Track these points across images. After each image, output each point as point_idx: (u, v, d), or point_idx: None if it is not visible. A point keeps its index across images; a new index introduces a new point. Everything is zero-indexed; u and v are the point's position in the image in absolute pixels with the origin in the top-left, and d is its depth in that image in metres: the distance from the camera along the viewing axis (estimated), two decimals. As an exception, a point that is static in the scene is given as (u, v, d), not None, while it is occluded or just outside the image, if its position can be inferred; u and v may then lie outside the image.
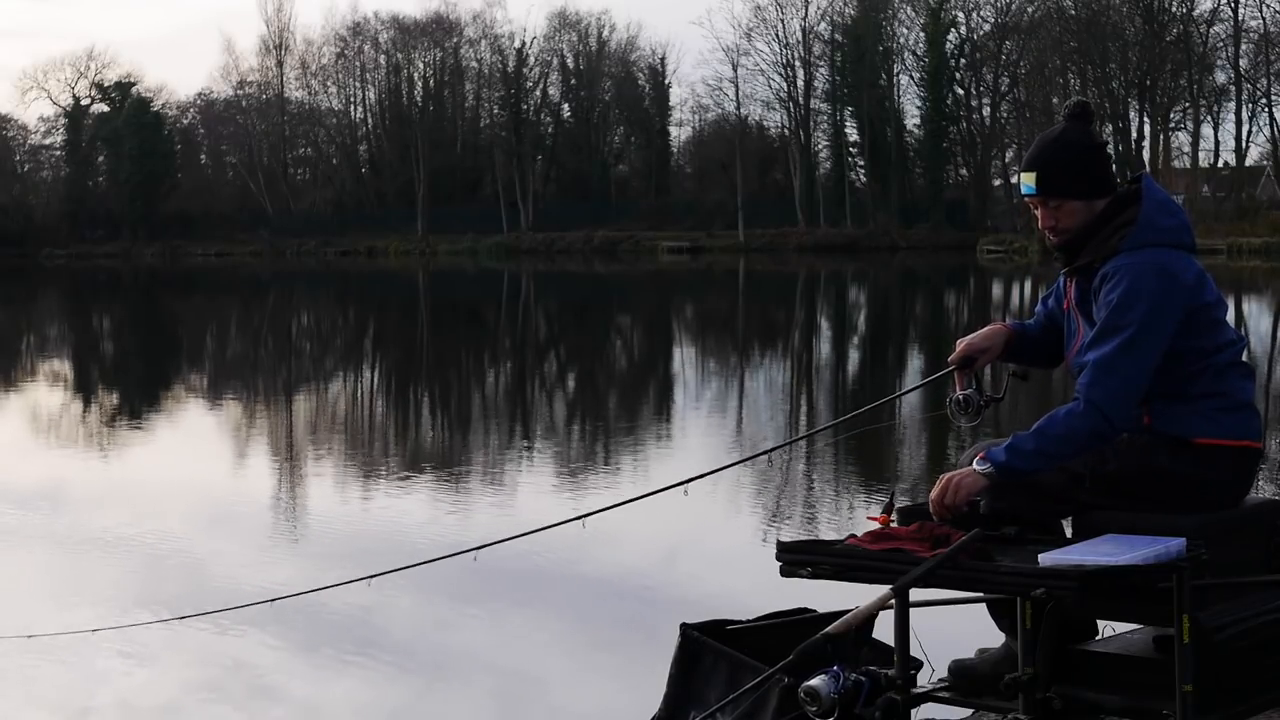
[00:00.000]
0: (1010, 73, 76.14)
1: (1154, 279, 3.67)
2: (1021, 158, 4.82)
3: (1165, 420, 3.73)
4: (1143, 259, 3.70)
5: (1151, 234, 3.74)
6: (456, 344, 27.29)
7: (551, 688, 6.06)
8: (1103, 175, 3.84)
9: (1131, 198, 3.81)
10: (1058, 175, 3.82)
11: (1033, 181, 3.84)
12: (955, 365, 4.04)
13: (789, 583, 3.77)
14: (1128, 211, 3.79)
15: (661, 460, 11.83)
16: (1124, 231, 3.76)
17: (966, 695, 3.92)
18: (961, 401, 3.97)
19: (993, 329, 4.10)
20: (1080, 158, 3.83)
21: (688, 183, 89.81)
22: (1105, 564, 3.33)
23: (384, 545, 8.38)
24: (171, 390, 19.75)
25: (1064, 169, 3.82)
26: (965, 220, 75.16)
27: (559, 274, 59.77)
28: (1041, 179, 3.83)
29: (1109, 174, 3.86)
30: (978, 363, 4.04)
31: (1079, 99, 4.01)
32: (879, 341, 26.50)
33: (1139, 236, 3.74)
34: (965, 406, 3.97)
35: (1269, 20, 66.83)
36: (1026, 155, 3.91)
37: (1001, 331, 4.09)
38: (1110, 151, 3.94)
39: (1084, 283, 3.84)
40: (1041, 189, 3.83)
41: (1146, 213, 3.77)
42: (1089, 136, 3.86)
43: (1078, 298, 3.88)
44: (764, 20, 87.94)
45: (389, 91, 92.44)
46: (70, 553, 8.66)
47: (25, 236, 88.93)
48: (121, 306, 44.46)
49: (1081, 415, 3.66)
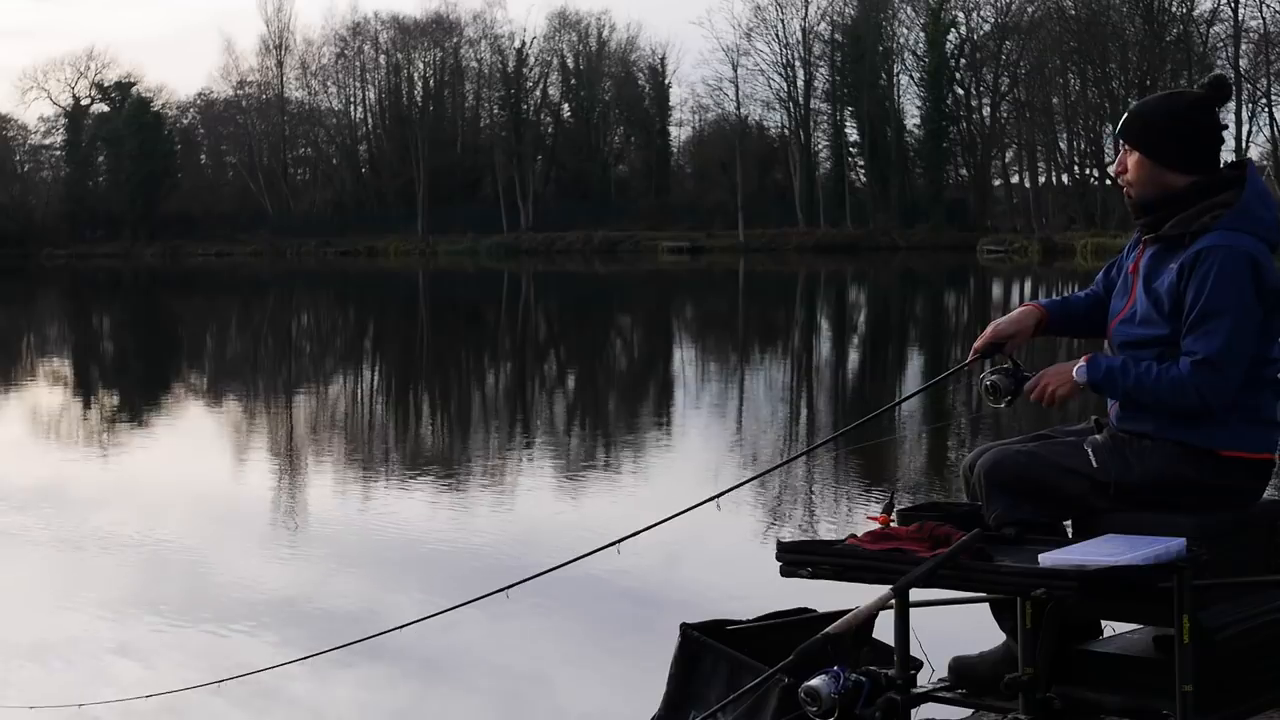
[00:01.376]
0: (1010, 73, 76.09)
1: (1250, 269, 3.63)
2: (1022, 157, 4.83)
3: (1192, 427, 3.69)
4: (1240, 245, 3.64)
5: (1248, 222, 3.69)
6: (457, 345, 27.28)
7: (551, 688, 6.06)
8: (1176, 149, 3.74)
9: (1232, 181, 3.75)
10: (1138, 123, 3.80)
11: (1121, 121, 3.85)
12: (980, 354, 3.98)
13: (789, 583, 3.76)
14: (1226, 194, 3.73)
15: (675, 468, 11.82)
16: (1219, 212, 3.70)
17: (967, 695, 3.91)
18: (990, 386, 3.90)
19: (1022, 311, 4.04)
20: (1174, 122, 3.76)
21: (688, 183, 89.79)
22: (1105, 564, 3.32)
23: (402, 561, 8.40)
24: (172, 391, 19.74)
25: (1148, 119, 3.79)
26: (965, 220, 75.12)
27: (559, 274, 59.75)
28: (1127, 120, 3.83)
29: (1198, 152, 3.75)
30: (1006, 348, 3.97)
31: (1218, 74, 3.90)
32: (882, 343, 26.48)
33: (1235, 221, 3.68)
34: (995, 391, 3.90)
35: (1269, 20, 66.80)
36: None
37: (1032, 312, 4.02)
38: (1222, 135, 3.82)
39: (1164, 253, 3.77)
40: (1122, 129, 3.84)
41: (1247, 199, 3.71)
42: (1203, 111, 3.77)
43: (1148, 265, 3.81)
44: (764, 20, 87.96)
45: (389, 91, 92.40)
46: (70, 558, 8.66)
47: (25, 236, 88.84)
48: (122, 307, 44.44)
49: (1183, 392, 3.61)
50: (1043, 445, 3.82)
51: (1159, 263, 3.78)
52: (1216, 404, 3.63)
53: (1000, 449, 3.83)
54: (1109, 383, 3.72)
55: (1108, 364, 3.74)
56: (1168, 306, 3.71)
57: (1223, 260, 3.63)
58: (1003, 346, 3.98)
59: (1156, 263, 3.79)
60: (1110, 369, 3.72)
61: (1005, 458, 3.79)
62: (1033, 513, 3.74)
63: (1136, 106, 3.87)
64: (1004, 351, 3.97)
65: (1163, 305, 3.72)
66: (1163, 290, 3.72)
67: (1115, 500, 3.70)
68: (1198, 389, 3.62)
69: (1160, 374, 3.66)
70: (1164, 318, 3.72)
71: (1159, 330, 3.73)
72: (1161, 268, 3.77)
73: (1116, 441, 3.77)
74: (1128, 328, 3.81)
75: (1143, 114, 3.83)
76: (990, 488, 3.79)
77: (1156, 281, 3.76)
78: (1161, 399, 3.66)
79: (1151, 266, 3.80)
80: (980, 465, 3.83)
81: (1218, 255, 3.63)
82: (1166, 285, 3.72)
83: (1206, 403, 3.63)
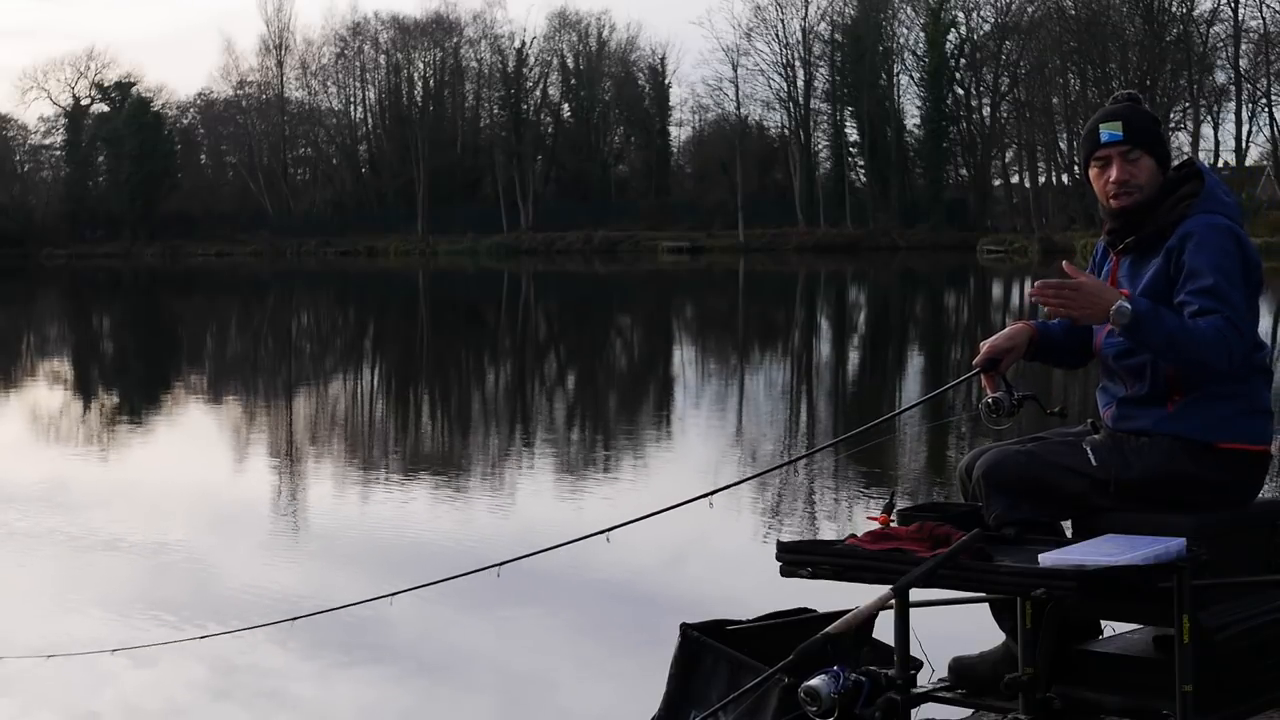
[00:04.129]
0: (1010, 73, 76.12)
1: (1236, 243, 3.70)
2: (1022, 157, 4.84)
3: (1188, 422, 3.70)
4: (1222, 222, 3.72)
5: (1218, 205, 3.77)
6: (457, 345, 27.27)
7: (551, 688, 6.05)
8: (1169, 150, 3.88)
9: (1190, 175, 3.83)
10: (1143, 126, 3.84)
11: (1119, 129, 3.81)
12: (980, 369, 3.98)
13: (789, 583, 3.76)
14: (1189, 185, 3.80)
15: (673, 466, 11.82)
16: (1189, 200, 3.77)
17: (967, 695, 3.92)
18: (992, 404, 3.90)
19: (1015, 328, 4.04)
20: (1159, 124, 3.92)
21: (688, 183, 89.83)
22: (1105, 564, 3.32)
23: (398, 555, 8.39)
24: (172, 391, 19.73)
25: (1149, 122, 3.87)
26: (965, 220, 75.17)
27: (559, 274, 59.75)
28: (1128, 126, 3.82)
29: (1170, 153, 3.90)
30: (1003, 364, 3.97)
31: (1130, 91, 4.02)
32: (882, 343, 26.47)
33: (1207, 205, 3.75)
34: (997, 408, 3.90)
35: (1269, 20, 66.87)
36: (1104, 111, 3.90)
37: (1024, 330, 4.03)
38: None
39: (1142, 256, 3.80)
40: (1128, 136, 3.81)
41: (1210, 186, 3.80)
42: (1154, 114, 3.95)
43: (1128, 273, 3.83)
44: (764, 20, 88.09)
45: (389, 91, 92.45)
46: (77, 559, 8.66)
47: (25, 236, 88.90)
48: (122, 307, 44.43)
49: (1220, 346, 3.56)
50: (1041, 445, 3.82)
51: (1138, 267, 3.82)
52: (1238, 364, 3.62)
53: (999, 449, 3.83)
54: (1153, 318, 3.58)
55: (1148, 302, 3.66)
56: (1160, 293, 3.71)
57: (1213, 234, 3.69)
58: (999, 362, 3.97)
59: (1136, 268, 3.83)
60: (1154, 307, 3.63)
61: (1005, 458, 3.78)
62: (1032, 512, 3.74)
63: (1126, 114, 3.85)
64: (999, 368, 3.96)
65: (1154, 295, 3.70)
66: (1151, 283, 3.74)
67: (1115, 498, 3.70)
68: (1229, 347, 3.59)
69: (1200, 324, 3.60)
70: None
71: None
72: (1143, 269, 3.80)
73: (1115, 440, 3.77)
74: (1117, 338, 3.77)
75: (1142, 120, 3.86)
76: (990, 488, 3.78)
77: (1141, 282, 3.77)
78: (1202, 346, 3.56)
79: (1132, 273, 3.83)
80: (979, 466, 3.82)
81: (1207, 231, 3.69)
82: (1154, 275, 3.74)
83: (1234, 363, 3.61)
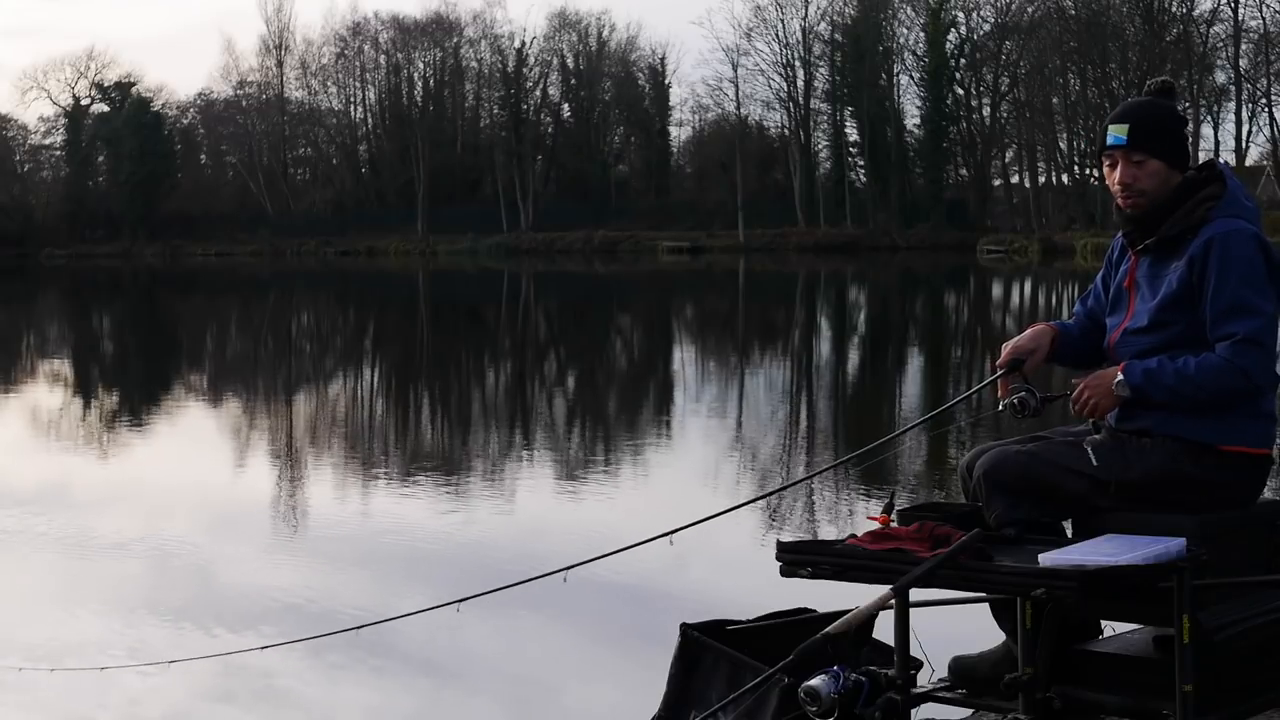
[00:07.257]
0: (1010, 73, 76.14)
1: (1260, 249, 3.69)
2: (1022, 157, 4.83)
3: (1191, 423, 3.69)
4: (1244, 229, 3.69)
5: (1239, 209, 3.75)
6: (456, 345, 27.27)
7: (552, 688, 6.06)
8: (1185, 150, 3.83)
9: (1211, 178, 3.80)
10: (1151, 130, 3.80)
11: (1124, 132, 3.79)
12: (1004, 370, 3.96)
13: (789, 583, 3.76)
14: (1210, 188, 3.78)
15: (683, 475, 11.82)
16: (1211, 204, 3.74)
17: (967, 695, 3.92)
18: (1017, 404, 3.88)
19: (1037, 330, 4.04)
20: (1171, 123, 3.85)
21: (688, 183, 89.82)
22: (1105, 564, 3.32)
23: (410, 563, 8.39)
24: (172, 392, 19.73)
25: (1157, 125, 3.81)
26: (965, 220, 75.16)
27: (559, 274, 59.73)
28: (1134, 129, 3.79)
29: (1188, 152, 3.85)
30: (1026, 365, 3.96)
31: (1164, 78, 3.98)
32: (882, 343, 26.46)
33: (1229, 209, 3.73)
34: (1022, 408, 3.88)
35: (1269, 20, 66.91)
36: (1115, 111, 3.88)
37: (1046, 331, 4.02)
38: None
39: (1162, 257, 3.79)
40: (1133, 140, 3.79)
41: (1233, 189, 3.78)
42: (1176, 111, 3.88)
43: (1148, 273, 3.82)
44: (764, 20, 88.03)
45: (389, 91, 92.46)
46: (76, 562, 8.66)
47: (25, 236, 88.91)
48: (122, 307, 44.43)
49: (1227, 374, 3.61)
50: (1042, 445, 3.81)
51: (1159, 267, 3.80)
52: (1265, 380, 3.65)
53: (1000, 449, 3.83)
54: (1150, 383, 3.67)
55: (1143, 367, 3.71)
56: (1182, 300, 3.71)
57: (1237, 243, 3.67)
58: (1023, 364, 3.96)
59: (1156, 268, 3.81)
60: (1147, 370, 3.69)
61: (1005, 457, 3.78)
62: (1032, 512, 3.74)
63: (1135, 115, 3.82)
64: (1023, 369, 3.96)
65: (1177, 301, 3.71)
66: (1173, 288, 3.73)
67: (1116, 499, 3.70)
68: (1244, 369, 3.61)
69: (1199, 363, 3.64)
70: (1179, 314, 3.72)
71: (1171, 331, 3.73)
72: (1164, 271, 3.78)
73: (1116, 440, 3.77)
74: (1134, 338, 3.79)
75: (1151, 121, 3.82)
76: (990, 487, 3.78)
77: (1162, 284, 3.76)
78: (1206, 386, 3.63)
79: (1152, 274, 3.81)
80: (980, 465, 3.82)
81: (1230, 239, 3.67)
82: (1177, 280, 3.73)
83: (1254, 381, 3.63)
